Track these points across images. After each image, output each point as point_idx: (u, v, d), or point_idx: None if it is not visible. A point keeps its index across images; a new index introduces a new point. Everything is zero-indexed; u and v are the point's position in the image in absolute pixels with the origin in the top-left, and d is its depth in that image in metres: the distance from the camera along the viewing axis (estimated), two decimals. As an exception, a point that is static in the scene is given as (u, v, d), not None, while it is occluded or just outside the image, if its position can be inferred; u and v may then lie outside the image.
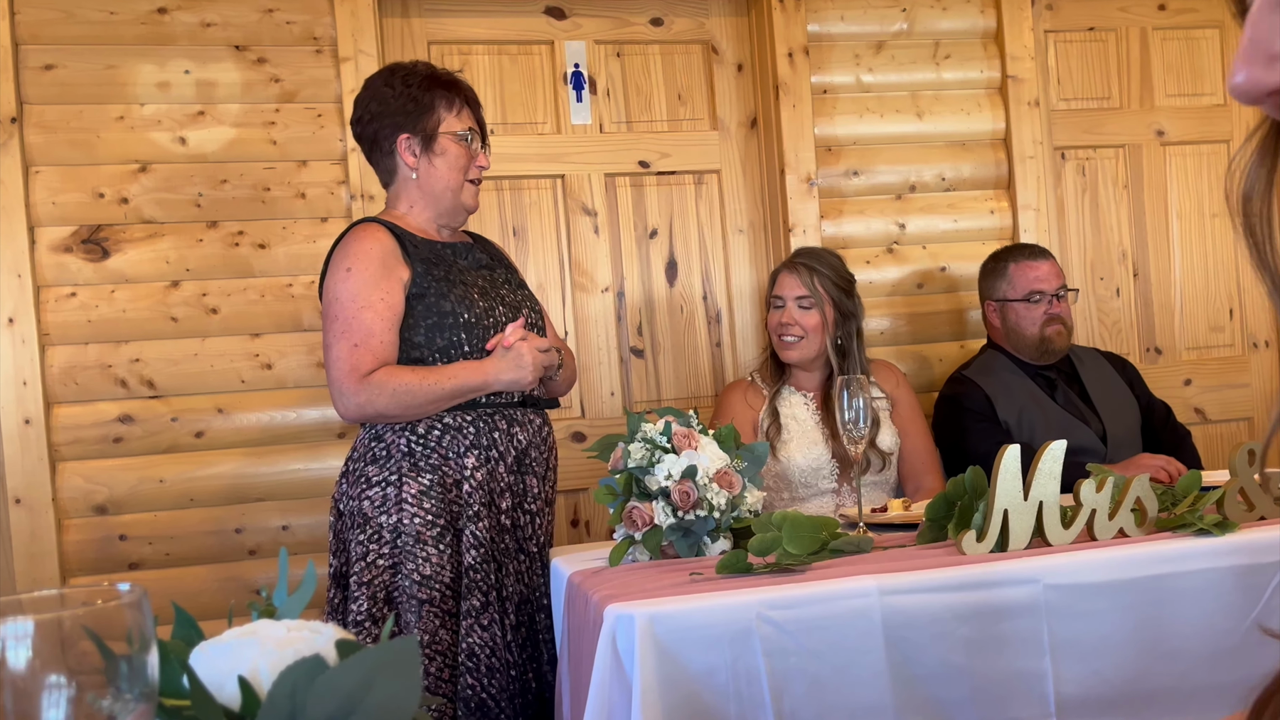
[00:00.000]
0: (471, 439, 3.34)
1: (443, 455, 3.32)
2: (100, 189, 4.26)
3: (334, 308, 3.32)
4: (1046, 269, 4.46)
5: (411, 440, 3.32)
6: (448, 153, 3.48)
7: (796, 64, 4.84)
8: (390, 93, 3.47)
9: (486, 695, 3.23)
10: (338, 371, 3.28)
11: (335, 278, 3.34)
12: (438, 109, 3.47)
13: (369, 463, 3.34)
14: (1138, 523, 2.79)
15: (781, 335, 4.12)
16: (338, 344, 3.29)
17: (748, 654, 2.39)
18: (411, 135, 3.46)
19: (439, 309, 3.36)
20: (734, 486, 2.98)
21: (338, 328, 3.30)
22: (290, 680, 1.00)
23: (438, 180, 3.48)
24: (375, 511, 3.29)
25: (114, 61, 4.29)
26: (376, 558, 3.26)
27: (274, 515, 4.37)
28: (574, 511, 4.79)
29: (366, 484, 3.32)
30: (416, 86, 3.47)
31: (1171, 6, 5.45)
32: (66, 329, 4.22)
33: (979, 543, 2.69)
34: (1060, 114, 5.31)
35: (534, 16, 4.80)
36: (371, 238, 3.36)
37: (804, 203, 4.82)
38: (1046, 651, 2.51)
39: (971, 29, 5.10)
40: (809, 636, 2.42)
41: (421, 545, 3.24)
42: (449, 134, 3.48)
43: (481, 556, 3.28)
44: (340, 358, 3.28)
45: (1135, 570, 2.60)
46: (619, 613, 2.41)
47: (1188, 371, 5.39)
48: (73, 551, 4.21)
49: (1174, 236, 5.43)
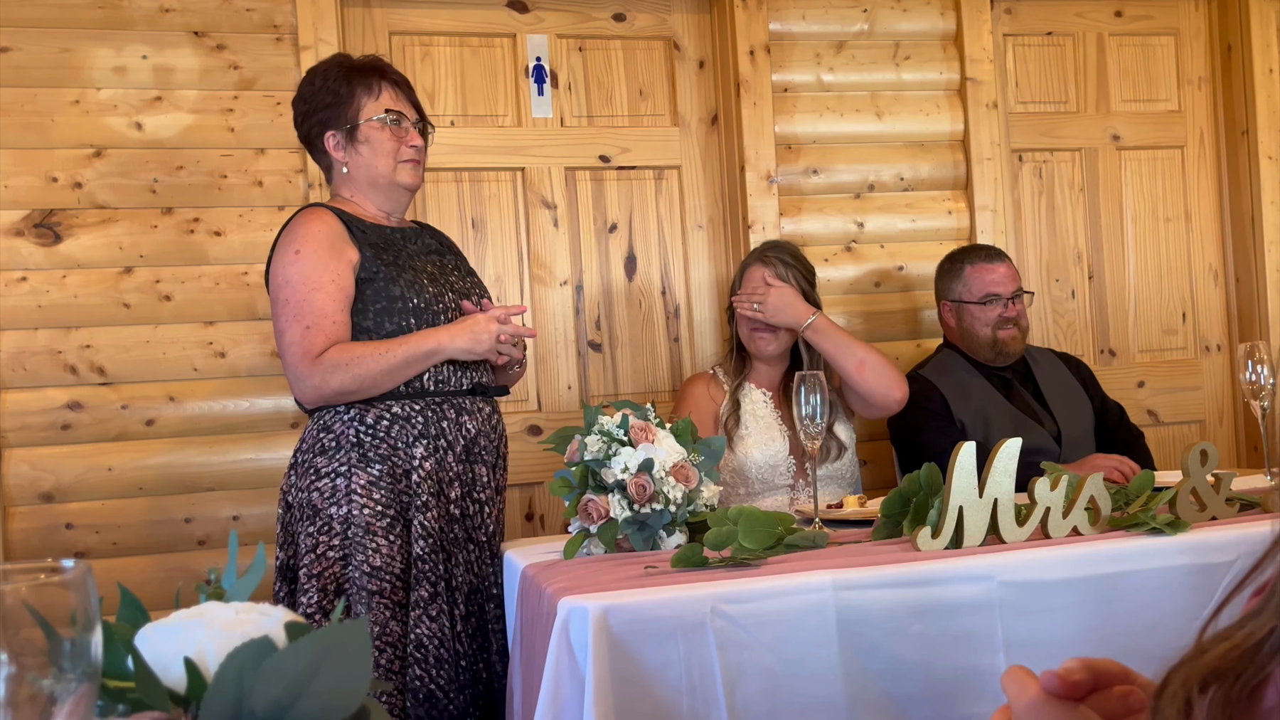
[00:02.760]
0: (420, 428, 3.30)
1: (391, 445, 3.28)
2: (54, 173, 4.21)
3: (284, 291, 3.27)
4: (1003, 271, 4.46)
5: (360, 431, 3.28)
6: (371, 140, 3.45)
7: (758, 62, 4.83)
8: (312, 89, 3.46)
9: (435, 686, 3.20)
10: (292, 356, 3.24)
11: (284, 260, 3.30)
12: (357, 98, 3.44)
13: (318, 454, 3.30)
14: (1091, 521, 2.78)
15: (755, 329, 4.12)
16: (291, 328, 3.25)
17: (702, 648, 2.37)
18: (336, 130, 3.44)
19: (388, 293, 3.33)
20: (690, 480, 2.96)
21: (289, 311, 3.25)
22: (238, 662, 0.97)
23: (367, 168, 3.46)
24: (325, 503, 3.25)
25: (70, 45, 4.24)
26: (326, 549, 3.23)
27: (224, 505, 4.33)
28: (529, 505, 4.76)
29: (316, 475, 3.28)
30: (335, 79, 3.45)
31: (1128, 13, 5.47)
32: (16, 314, 4.17)
33: (934, 539, 2.68)
34: (1018, 117, 5.32)
35: (496, 9, 4.77)
36: (319, 220, 3.33)
37: (763, 200, 4.81)
38: (1000, 648, 2.50)
39: (931, 31, 5.10)
40: (763, 631, 2.40)
41: (371, 536, 3.20)
42: (369, 121, 3.44)
43: (430, 547, 3.25)
44: (294, 342, 3.23)
45: (1089, 568, 2.60)
46: (573, 605, 2.38)
47: (1141, 374, 5.42)
48: (18, 540, 4.15)
49: (1129, 240, 5.46)
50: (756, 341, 4.13)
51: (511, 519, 4.70)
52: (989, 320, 4.42)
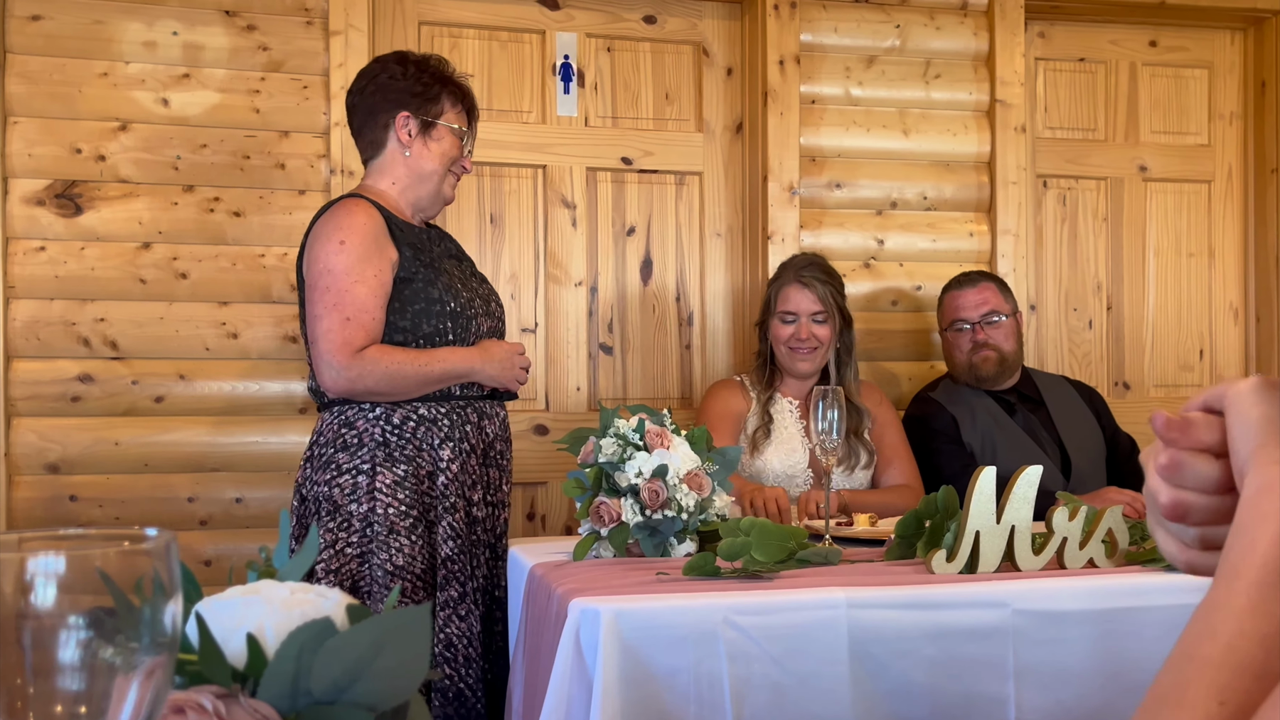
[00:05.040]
0: (446, 431, 3.34)
1: (417, 446, 3.31)
2: (78, 144, 4.23)
3: (325, 279, 3.27)
4: (969, 297, 4.49)
5: (386, 430, 3.30)
6: (443, 140, 3.50)
7: (787, 72, 4.85)
8: (401, 70, 3.48)
9: (464, 685, 3.25)
10: (328, 344, 3.24)
11: (326, 249, 3.29)
12: (443, 101, 3.49)
13: (339, 449, 3.31)
14: (1108, 554, 2.80)
15: (795, 349, 4.14)
16: (329, 316, 3.25)
17: (711, 657, 2.39)
18: (412, 115, 3.46)
19: (427, 295, 3.35)
20: (704, 489, 2.99)
21: (329, 299, 3.25)
22: (298, 641, 1.00)
23: (426, 163, 3.48)
24: (345, 499, 3.26)
25: (102, 17, 4.27)
26: (345, 546, 3.24)
27: (229, 487, 4.35)
28: (531, 505, 4.78)
29: (337, 470, 3.29)
30: (430, 76, 3.49)
31: (1162, 44, 5.50)
32: (32, 283, 4.20)
33: (949, 563, 2.70)
34: (1045, 142, 5.35)
35: (527, 4, 4.80)
36: (365, 213, 3.34)
37: (784, 211, 4.83)
38: (1010, 676, 2.52)
39: (963, 50, 5.11)
40: (773, 644, 2.42)
41: (395, 535, 3.22)
42: (448, 125, 3.50)
43: (459, 547, 3.29)
44: (332, 330, 3.24)
45: (1104, 601, 2.62)
46: (584, 607, 2.40)
47: (1155, 408, 5.37)
48: (21, 509, 4.18)
49: (1150, 272, 5.48)
50: (797, 361, 4.16)
51: (513, 518, 4.72)
52: (961, 346, 4.48)
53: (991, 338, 4.43)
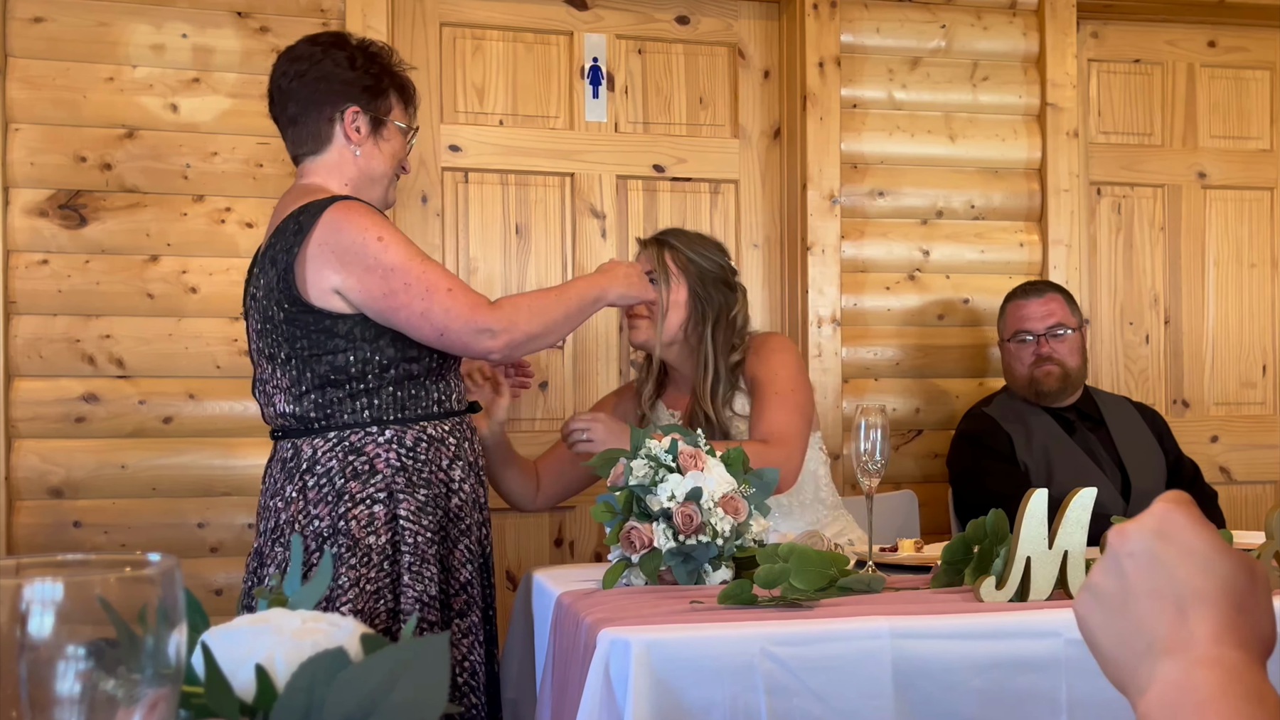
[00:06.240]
0: (453, 449, 3.30)
1: (432, 469, 3.24)
2: (82, 152, 4.25)
3: (395, 276, 3.13)
4: (1034, 308, 4.49)
5: (402, 454, 3.20)
6: (393, 140, 3.41)
7: (827, 74, 4.84)
8: (348, 59, 3.34)
9: (486, 713, 3.27)
10: (460, 316, 3.15)
11: (373, 249, 3.14)
12: (390, 97, 3.40)
13: (349, 479, 3.17)
14: (1166, 581, 2.78)
15: (631, 319, 3.87)
16: (434, 296, 3.14)
17: (748, 691, 2.37)
18: (361, 111, 3.34)
19: None
20: (740, 513, 2.97)
21: (420, 286, 3.14)
22: (310, 673, 0.99)
23: (377, 164, 3.38)
24: (363, 532, 3.15)
25: (107, 19, 4.28)
26: (366, 583, 3.14)
27: (240, 512, 4.34)
28: (559, 530, 4.78)
29: (351, 502, 3.15)
30: (378, 68, 3.38)
31: (1222, 44, 5.47)
32: (35, 298, 4.21)
33: (998, 590, 2.69)
34: (1099, 147, 5.33)
35: (554, 5, 4.80)
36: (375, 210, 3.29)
37: (825, 220, 4.82)
38: (1064, 710, 2.50)
39: (1012, 51, 5.10)
40: (814, 676, 2.41)
41: (426, 565, 3.18)
42: (397, 124, 3.42)
43: (475, 571, 3.29)
44: (452, 302, 3.15)
45: (1162, 631, 2.59)
46: (614, 637, 2.39)
47: (1215, 428, 5.40)
48: (22, 535, 4.18)
49: (1209, 284, 5.45)
50: (632, 336, 3.91)
51: (539, 543, 4.72)
52: (1023, 358, 4.49)
53: (1056, 351, 4.43)
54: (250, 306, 3.35)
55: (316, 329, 3.17)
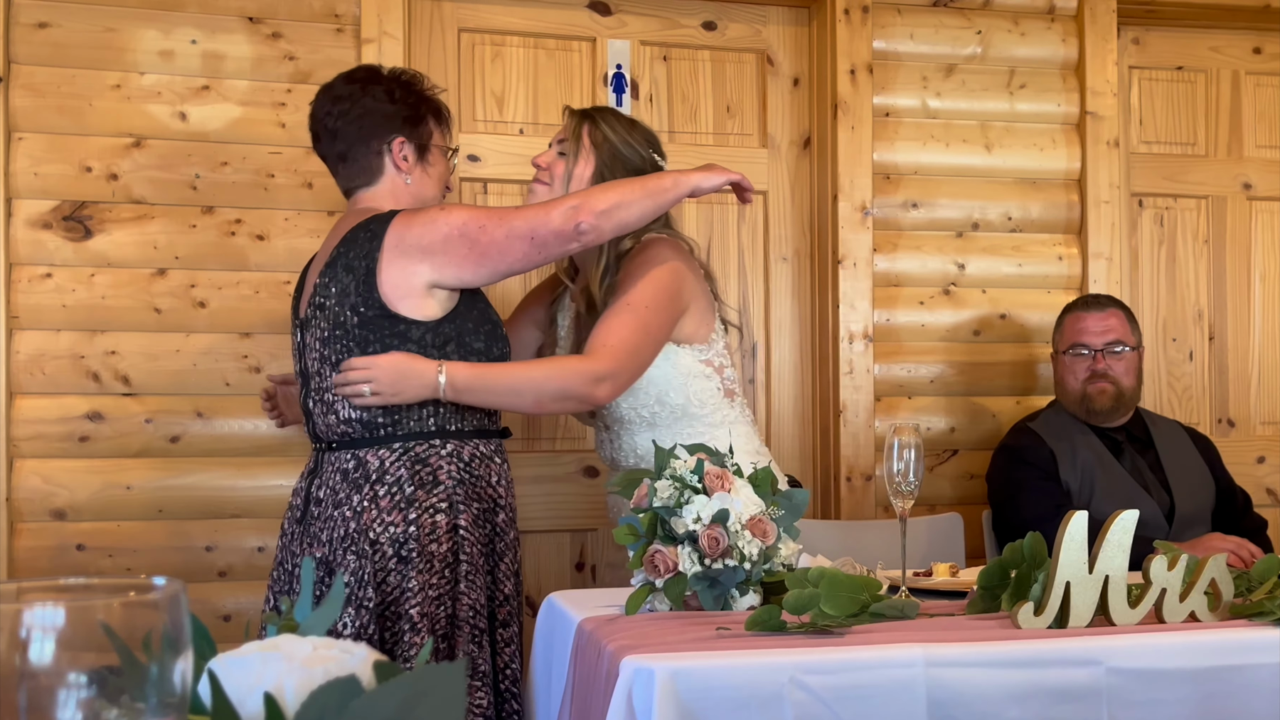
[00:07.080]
0: (498, 467, 3.49)
1: (483, 485, 3.44)
2: (88, 162, 4.26)
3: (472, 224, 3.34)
4: (1093, 321, 4.48)
5: (461, 468, 3.38)
6: (437, 164, 3.63)
7: (858, 82, 4.84)
8: (387, 94, 3.54)
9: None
10: (537, 216, 3.35)
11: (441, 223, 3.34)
12: (428, 121, 3.60)
13: (417, 487, 3.33)
14: (1211, 607, 2.77)
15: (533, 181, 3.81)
16: (508, 218, 3.36)
17: (777, 721, 2.37)
18: (407, 141, 3.54)
19: (490, 318, 3.48)
20: (768, 536, 2.96)
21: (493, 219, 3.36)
22: (321, 702, 0.98)
23: (427, 189, 3.61)
24: (427, 540, 3.31)
25: (114, 24, 4.29)
26: (430, 589, 3.30)
27: (250, 535, 4.35)
28: (580, 553, 4.77)
29: (418, 509, 3.32)
30: (415, 97, 3.58)
31: (1268, 50, 5.46)
32: (38, 313, 4.22)
33: (1036, 617, 2.67)
34: (1140, 157, 5.32)
35: (576, 10, 4.81)
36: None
37: (856, 233, 4.81)
38: (1106, 741, 2.49)
39: (1050, 58, 5.09)
40: (845, 706, 2.40)
41: (479, 574, 3.36)
42: (439, 147, 3.63)
43: (517, 584, 3.50)
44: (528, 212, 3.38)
45: (1206, 659, 2.58)
46: (637, 666, 2.38)
47: (1262, 448, 5.38)
48: (23, 559, 4.18)
49: (1256, 299, 5.43)
50: (528, 196, 3.80)
51: (560, 567, 4.72)
52: (1077, 373, 4.48)
53: (1112, 369, 4.43)
54: (312, 316, 3.45)
55: (390, 333, 3.32)
